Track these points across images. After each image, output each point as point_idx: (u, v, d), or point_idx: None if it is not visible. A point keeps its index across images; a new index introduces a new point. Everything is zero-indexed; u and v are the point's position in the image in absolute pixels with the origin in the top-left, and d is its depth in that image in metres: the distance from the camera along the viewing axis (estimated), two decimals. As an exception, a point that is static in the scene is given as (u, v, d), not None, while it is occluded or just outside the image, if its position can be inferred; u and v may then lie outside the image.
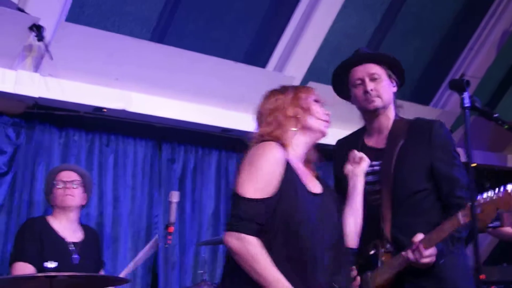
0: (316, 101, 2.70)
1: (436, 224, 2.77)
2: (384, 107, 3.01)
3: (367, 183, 2.86)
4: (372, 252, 2.92)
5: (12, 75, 4.44)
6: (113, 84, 4.82)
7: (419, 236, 2.76)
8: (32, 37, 4.34)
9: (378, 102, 2.97)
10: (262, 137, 2.58)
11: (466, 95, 2.40)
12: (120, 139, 5.20)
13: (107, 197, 5.06)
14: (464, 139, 2.36)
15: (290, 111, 2.62)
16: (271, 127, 2.60)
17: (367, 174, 2.89)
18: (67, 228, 4.02)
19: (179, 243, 5.29)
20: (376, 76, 2.98)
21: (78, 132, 5.02)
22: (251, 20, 5.47)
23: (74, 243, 3.98)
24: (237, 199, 2.44)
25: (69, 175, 4.09)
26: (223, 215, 5.55)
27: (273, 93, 2.71)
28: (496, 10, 6.64)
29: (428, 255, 2.73)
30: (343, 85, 3.10)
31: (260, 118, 2.68)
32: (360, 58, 3.04)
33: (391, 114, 3.06)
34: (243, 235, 2.38)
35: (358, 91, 3.00)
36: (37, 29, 4.27)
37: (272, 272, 2.35)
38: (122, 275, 4.00)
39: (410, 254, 2.74)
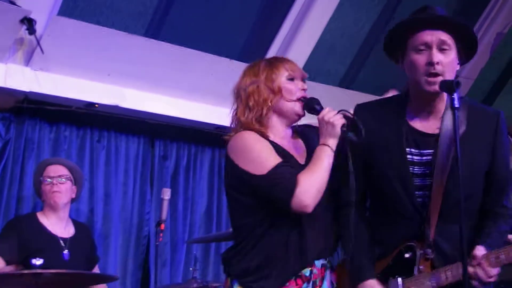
0: (290, 78, 2.68)
1: (475, 231, 2.51)
2: None
3: (412, 175, 2.51)
4: (407, 255, 2.53)
5: (2, 69, 4.38)
6: (106, 79, 4.77)
7: (481, 250, 2.41)
8: (23, 30, 4.28)
9: (438, 80, 2.43)
10: (241, 125, 2.63)
11: (456, 95, 2.30)
12: (112, 135, 5.15)
13: (98, 193, 5.01)
14: (453, 140, 2.30)
15: (263, 96, 2.63)
16: (249, 115, 2.63)
17: (413, 163, 2.53)
18: (57, 223, 3.98)
19: (171, 240, 5.26)
20: (446, 46, 2.45)
21: (69, 128, 4.96)
22: (246, 18, 5.43)
23: (64, 239, 3.94)
24: (266, 177, 2.48)
25: (56, 170, 4.05)
26: (215, 213, 5.52)
27: (248, 74, 2.72)
28: (490, 13, 6.63)
29: (494, 275, 2.40)
30: (397, 43, 2.56)
31: (237, 98, 2.71)
32: (435, 20, 2.48)
33: (446, 94, 2.50)
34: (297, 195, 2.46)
35: (420, 59, 2.45)
36: (28, 23, 4.21)
37: None
38: None
39: (471, 270, 2.37)
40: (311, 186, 2.45)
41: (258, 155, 2.52)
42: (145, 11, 4.95)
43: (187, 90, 5.11)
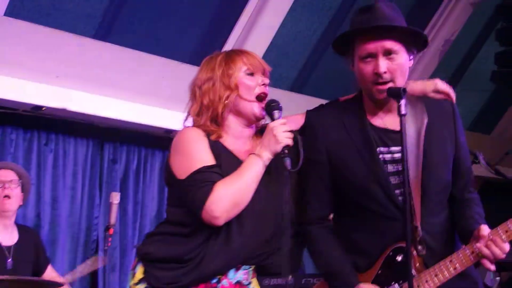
0: (249, 72, 2.49)
1: (447, 224, 2.49)
2: None
3: (388, 174, 2.43)
4: (400, 258, 2.40)
5: None
6: (54, 82, 4.69)
7: (486, 229, 2.35)
8: (-32, 31, 4.20)
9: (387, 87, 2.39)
10: (194, 125, 2.47)
11: (402, 102, 2.27)
12: (60, 138, 5.08)
13: (46, 197, 4.93)
14: (401, 145, 2.31)
15: (218, 94, 2.44)
16: (203, 116, 2.45)
17: (385, 162, 2.44)
18: (2, 232, 3.89)
19: (120, 245, 5.22)
20: (393, 52, 2.37)
21: (16, 131, 4.87)
22: (198, 21, 5.42)
23: (8, 247, 3.85)
24: (185, 181, 2.35)
25: (6, 174, 3.97)
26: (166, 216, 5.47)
27: (205, 68, 2.52)
28: (439, 20, 6.77)
29: (507, 250, 2.34)
30: (346, 49, 2.49)
31: (192, 95, 2.54)
32: (377, 30, 2.37)
33: None
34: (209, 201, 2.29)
35: (367, 68, 2.39)
36: (-27, 23, 4.12)
37: None
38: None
39: (485, 250, 2.32)
40: (225, 197, 2.29)
41: (187, 156, 2.36)
42: (94, 13, 4.88)
43: (137, 93, 5.06)
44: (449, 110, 2.56)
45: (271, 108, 2.45)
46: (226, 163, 2.40)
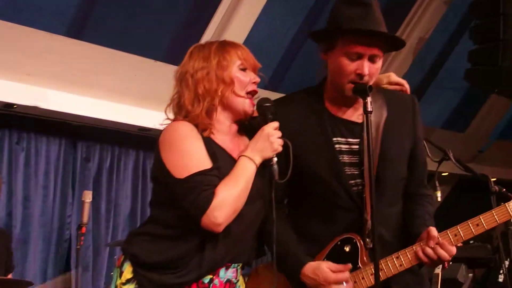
0: (242, 67, 2.41)
1: (401, 215, 2.52)
2: None
3: (344, 164, 2.44)
4: (347, 248, 2.43)
5: None
6: (25, 79, 4.65)
7: (435, 230, 2.37)
8: None
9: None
10: (187, 115, 2.36)
11: (369, 100, 2.28)
12: (32, 137, 5.04)
13: (17, 196, 4.88)
14: (367, 144, 2.31)
15: (214, 85, 2.36)
16: (198, 106, 2.35)
17: (341, 152, 2.46)
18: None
19: (93, 244, 5.19)
20: (377, 57, 2.42)
21: (-15, 129, 4.82)
22: (172, 19, 5.40)
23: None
24: (184, 182, 2.26)
25: (-23, 174, 3.92)
26: (139, 215, 5.46)
27: (197, 56, 2.41)
28: (413, 18, 6.82)
29: (455, 253, 2.36)
30: (328, 39, 2.46)
31: (182, 82, 2.40)
32: (373, 34, 2.39)
33: None
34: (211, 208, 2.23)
35: (350, 66, 2.39)
36: None
37: None
38: None
39: (431, 252, 2.34)
40: (227, 203, 2.25)
41: (184, 154, 2.29)
42: (67, 10, 4.84)
43: (111, 91, 5.03)
44: (409, 104, 2.58)
45: (265, 109, 2.41)
46: (222, 162, 2.34)
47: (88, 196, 4.17)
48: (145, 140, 5.39)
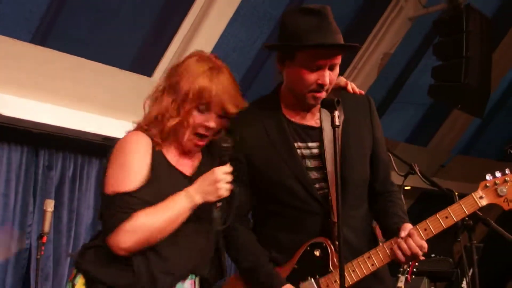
0: (200, 109, 2.39)
1: (367, 217, 2.56)
2: None
3: (307, 169, 2.47)
4: (317, 253, 2.44)
5: None
6: (-13, 86, 4.57)
7: (408, 227, 2.43)
8: None
9: (323, 96, 2.45)
10: (159, 114, 2.40)
11: (336, 113, 2.31)
12: (-8, 144, 4.94)
13: (-24, 204, 4.78)
14: (334, 156, 2.33)
15: (172, 119, 2.38)
16: (152, 122, 2.40)
17: (304, 157, 2.49)
18: None
19: (54, 254, 5.10)
20: (336, 65, 2.45)
21: None
22: (138, 28, 5.38)
23: None
24: (108, 198, 2.29)
25: None
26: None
27: (190, 70, 2.43)
28: (378, 33, 6.90)
29: (426, 247, 2.41)
30: (286, 52, 2.47)
31: (168, 79, 2.46)
32: (334, 46, 2.41)
33: None
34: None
35: (311, 77, 2.41)
36: None
37: None
38: None
39: (403, 245, 2.39)
40: (139, 230, 2.25)
41: (123, 169, 2.30)
42: (32, 17, 4.80)
43: (74, 99, 4.98)
44: (366, 104, 2.63)
45: (222, 151, 2.41)
46: (165, 178, 2.36)
47: (50, 205, 4.12)
48: (109, 150, 5.33)
